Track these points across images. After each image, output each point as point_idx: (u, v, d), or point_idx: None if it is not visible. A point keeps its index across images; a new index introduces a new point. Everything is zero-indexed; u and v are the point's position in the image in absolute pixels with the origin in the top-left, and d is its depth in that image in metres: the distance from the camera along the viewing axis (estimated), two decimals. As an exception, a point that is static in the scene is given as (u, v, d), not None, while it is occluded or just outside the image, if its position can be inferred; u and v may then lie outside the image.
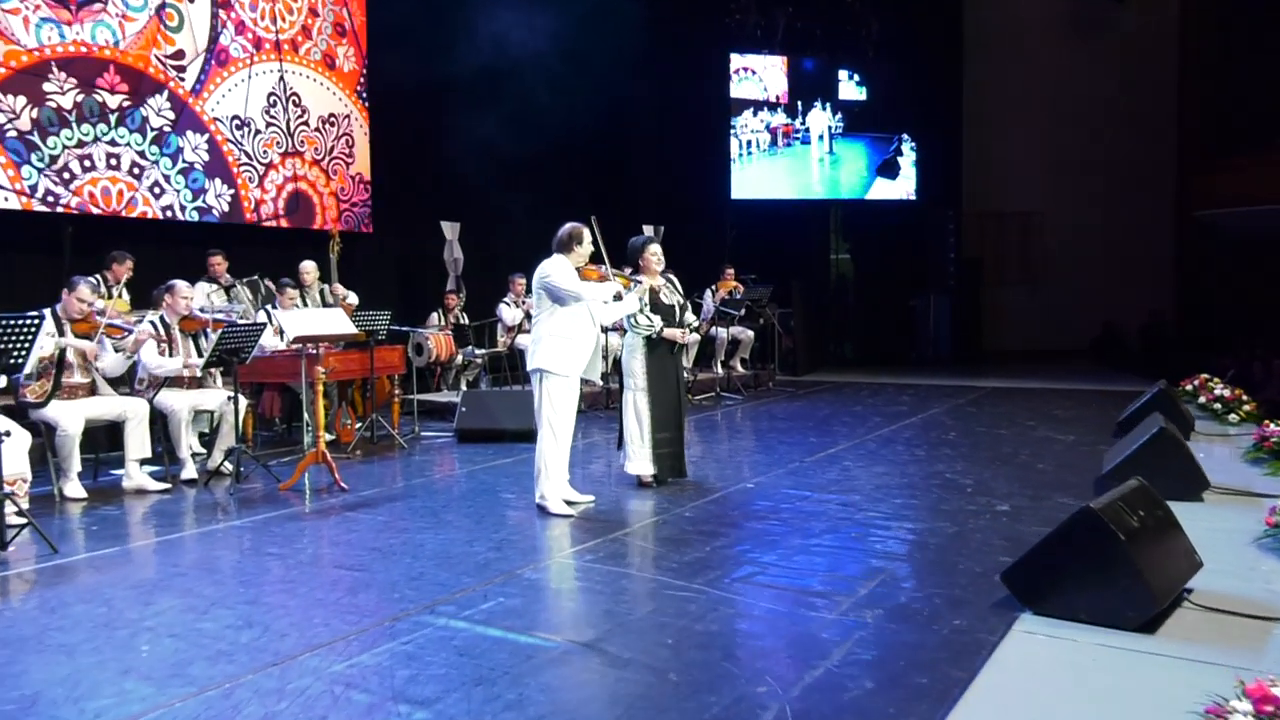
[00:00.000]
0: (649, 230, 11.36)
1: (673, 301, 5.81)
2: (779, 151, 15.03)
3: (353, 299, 8.41)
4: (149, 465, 6.00)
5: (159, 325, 6.13)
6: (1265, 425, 6.27)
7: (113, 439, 6.19)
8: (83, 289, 5.72)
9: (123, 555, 4.47)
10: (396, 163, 10.73)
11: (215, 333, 6.04)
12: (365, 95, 10.46)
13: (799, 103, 15.06)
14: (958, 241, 15.64)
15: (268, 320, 7.17)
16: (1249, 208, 12.94)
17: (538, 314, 5.25)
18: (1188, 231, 14.96)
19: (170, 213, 8.55)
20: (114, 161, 8.11)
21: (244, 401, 6.33)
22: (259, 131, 9.40)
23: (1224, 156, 14.07)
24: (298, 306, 7.76)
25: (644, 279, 5.63)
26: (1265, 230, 13.14)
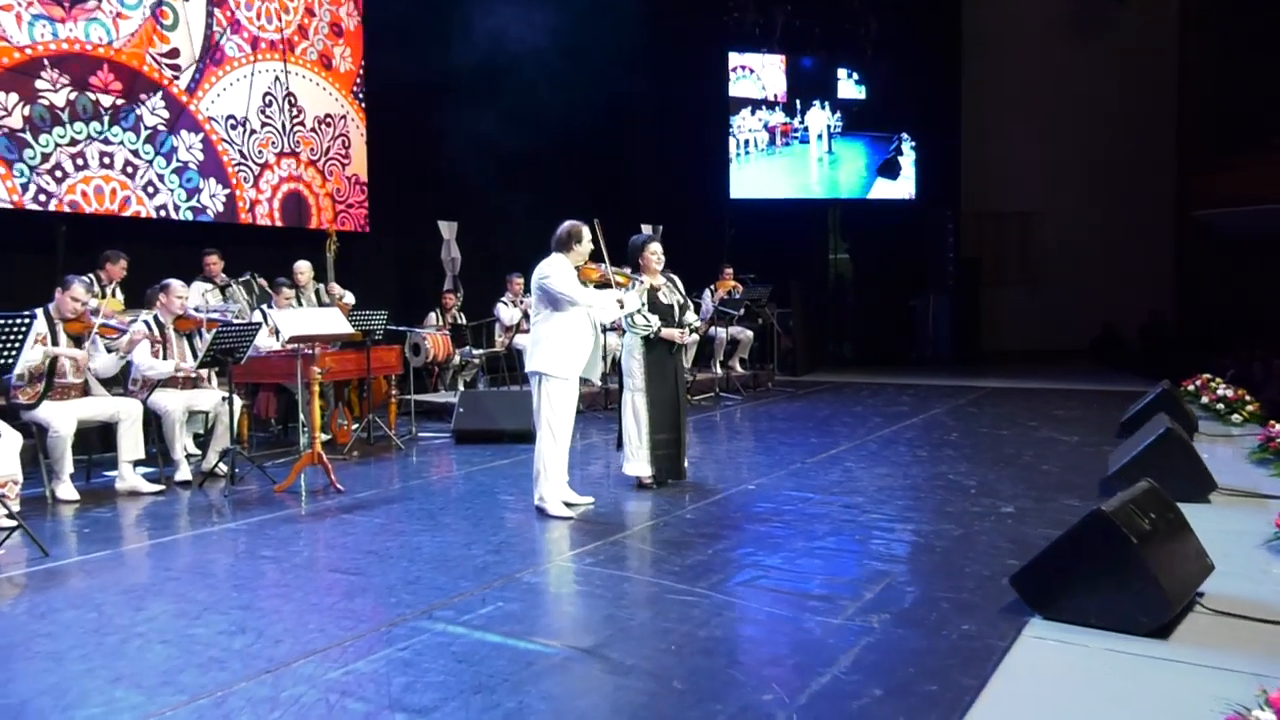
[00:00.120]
0: (647, 230, 11.29)
1: (671, 301, 5.74)
2: (777, 151, 14.96)
3: (349, 298, 8.36)
4: (143, 467, 5.93)
5: (153, 325, 6.06)
6: (1271, 426, 6.22)
7: (106, 440, 6.12)
8: (77, 288, 5.64)
9: (115, 559, 4.39)
10: (394, 161, 10.65)
11: (210, 332, 5.97)
12: (362, 96, 10.38)
13: (797, 101, 14.99)
14: (957, 241, 15.59)
15: (263, 320, 7.11)
16: (1249, 208, 12.90)
17: (536, 315, 5.18)
18: (1187, 231, 14.92)
19: (164, 212, 8.47)
20: (107, 160, 8.03)
21: (239, 402, 6.26)
22: (254, 132, 9.32)
23: (1224, 156, 14.03)
24: (293, 306, 7.69)
25: (644, 278, 5.56)
26: (1265, 230, 13.11)
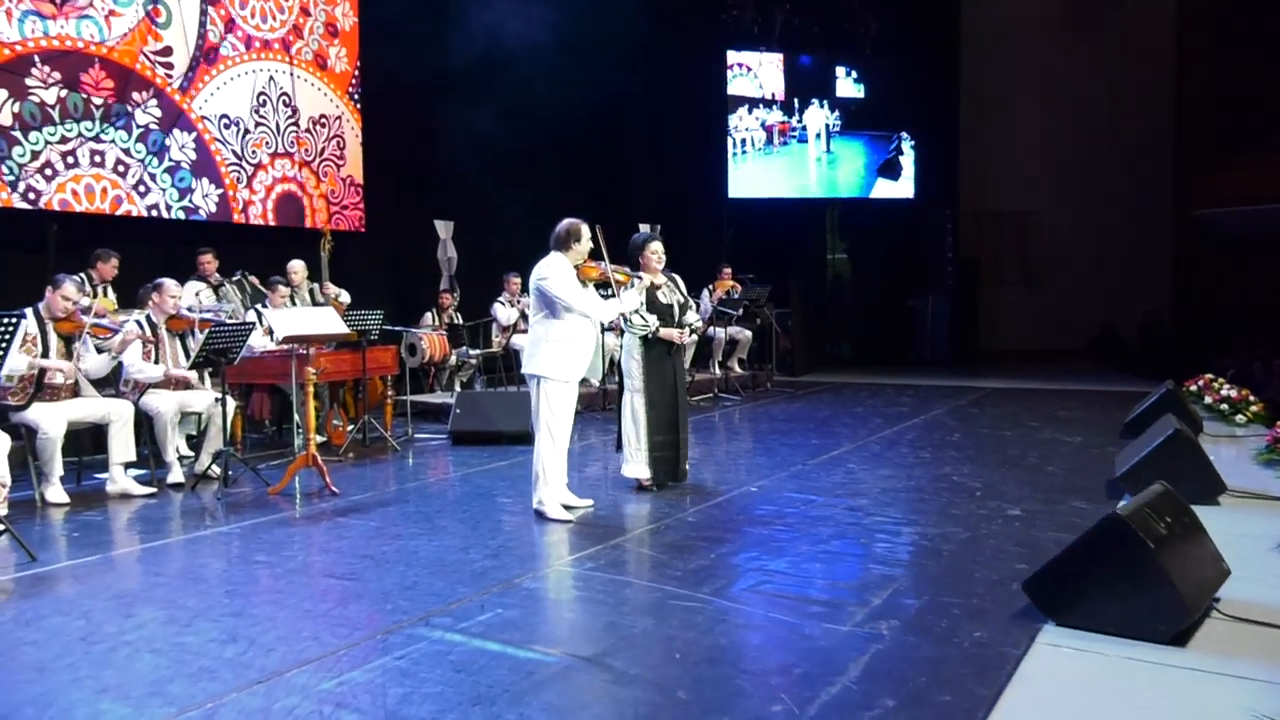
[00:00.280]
0: (645, 229, 11.21)
1: (671, 301, 5.65)
2: (774, 150, 14.88)
3: (345, 298, 8.28)
4: (134, 469, 5.83)
5: (145, 325, 5.96)
6: (1278, 426, 6.15)
7: (96, 442, 6.02)
8: (68, 287, 5.53)
9: (104, 563, 4.30)
10: (391, 160, 10.55)
11: (203, 333, 5.87)
12: (357, 97, 10.27)
13: (796, 100, 14.91)
14: (955, 241, 15.51)
15: (257, 320, 7.01)
16: (1248, 207, 12.84)
17: (534, 315, 5.08)
18: (1186, 231, 14.85)
19: (155, 211, 8.36)
20: (98, 159, 7.92)
21: (232, 403, 6.15)
22: (248, 131, 9.21)
23: (1223, 156, 13.97)
24: (287, 306, 7.60)
25: (645, 276, 5.47)
26: (1264, 230, 13.04)
